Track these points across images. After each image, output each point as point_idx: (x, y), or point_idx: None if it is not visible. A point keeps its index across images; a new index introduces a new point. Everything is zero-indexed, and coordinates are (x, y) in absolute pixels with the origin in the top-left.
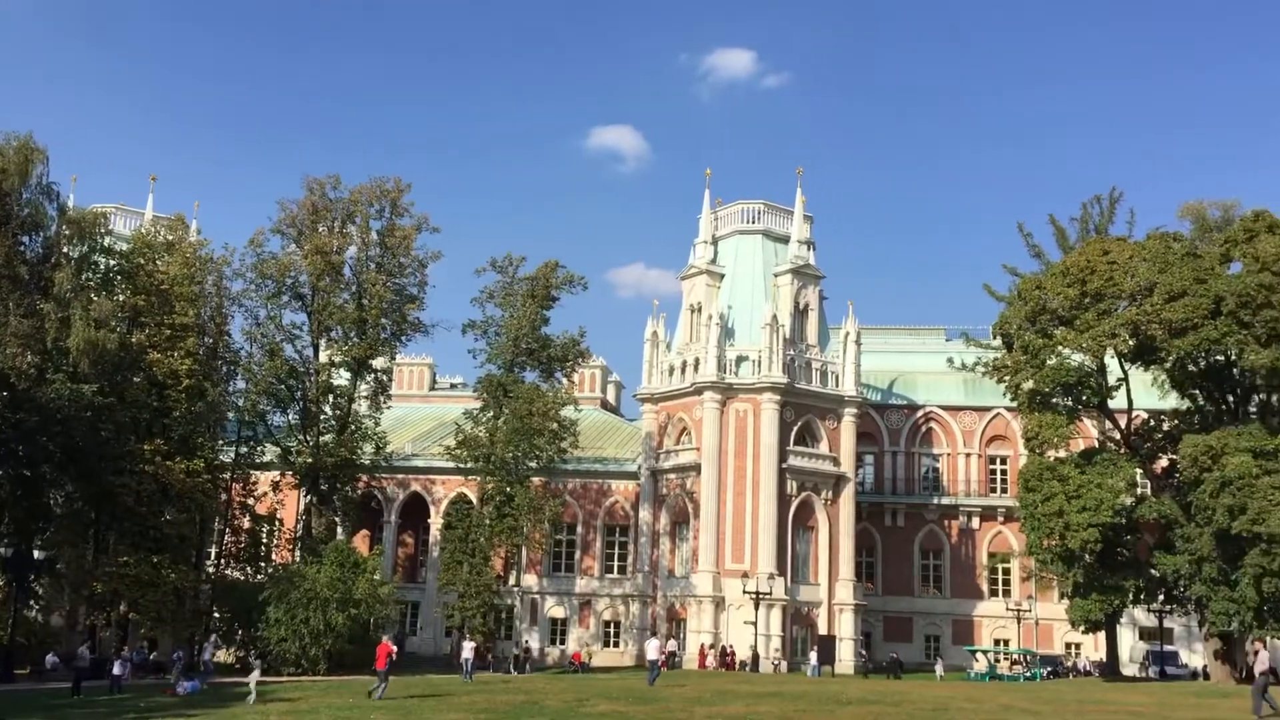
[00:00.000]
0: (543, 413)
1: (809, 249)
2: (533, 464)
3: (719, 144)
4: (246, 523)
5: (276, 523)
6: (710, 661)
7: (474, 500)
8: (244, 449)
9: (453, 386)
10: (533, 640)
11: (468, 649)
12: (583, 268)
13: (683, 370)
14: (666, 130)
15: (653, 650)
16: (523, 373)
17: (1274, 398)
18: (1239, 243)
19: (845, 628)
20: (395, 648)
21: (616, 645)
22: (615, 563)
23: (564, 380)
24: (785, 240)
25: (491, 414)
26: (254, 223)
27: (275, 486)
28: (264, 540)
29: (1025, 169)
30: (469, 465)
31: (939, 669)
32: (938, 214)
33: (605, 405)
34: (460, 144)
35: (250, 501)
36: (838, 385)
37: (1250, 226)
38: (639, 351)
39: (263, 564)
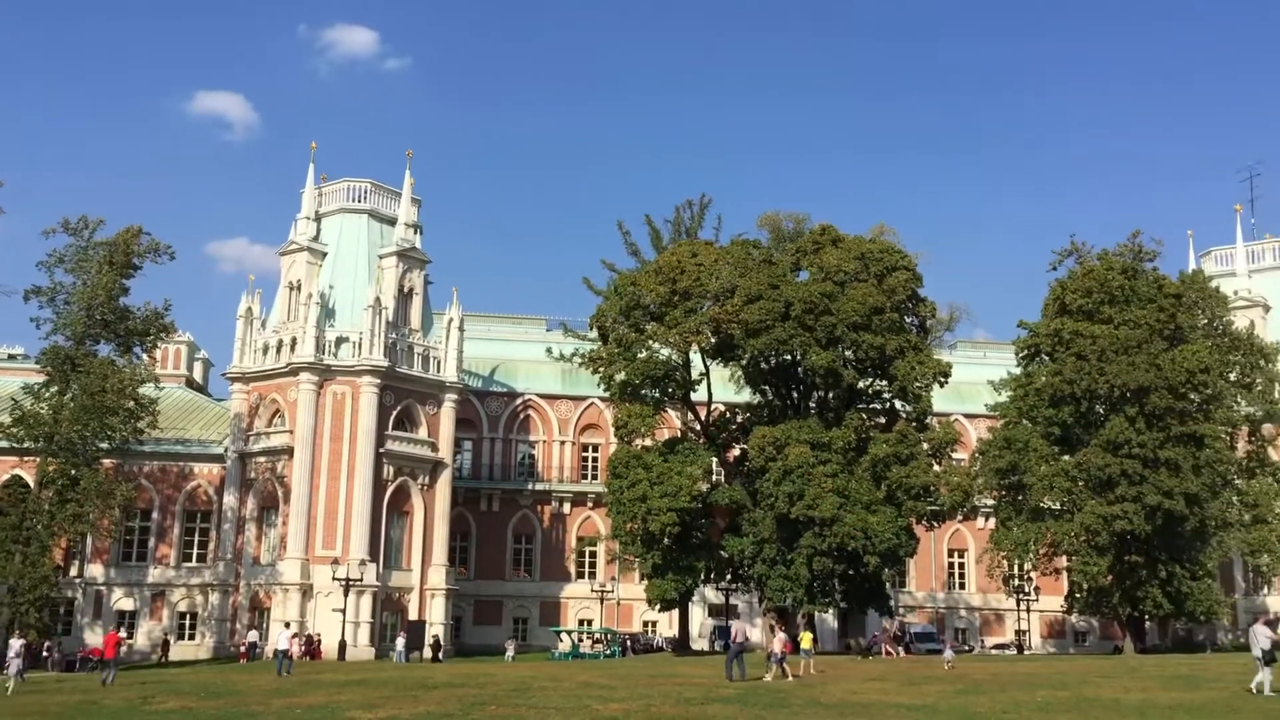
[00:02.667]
0: (118, 390)
1: (416, 232)
2: (104, 445)
3: (333, 121)
4: None
5: None
6: (295, 651)
7: (31, 483)
8: None
9: (11, 358)
10: (94, 637)
11: (16, 647)
12: (178, 238)
13: (278, 350)
14: (279, 102)
15: (283, 640)
16: (96, 346)
17: (830, 395)
18: (807, 253)
19: (437, 613)
20: (124, 636)
21: (193, 638)
22: (195, 550)
23: (144, 356)
24: (392, 222)
25: (57, 389)
26: None
27: None
28: None
29: (628, 171)
30: (27, 445)
31: (509, 651)
32: (545, 208)
33: (191, 384)
34: (45, 101)
35: None
36: (440, 371)
37: (817, 239)
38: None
39: None
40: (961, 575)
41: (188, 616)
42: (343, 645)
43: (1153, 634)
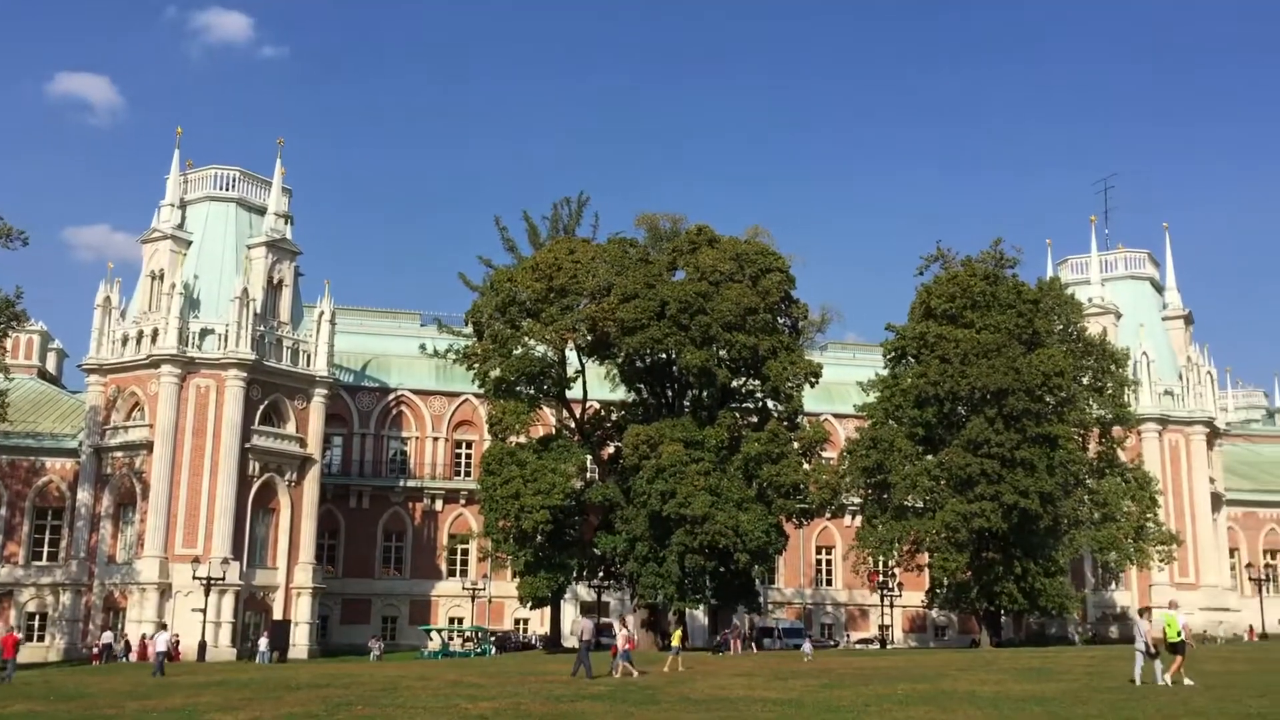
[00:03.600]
0: None
1: (287, 223)
2: None
3: (203, 107)
4: None
5: None
6: (152, 652)
7: None
8: None
9: None
10: None
11: None
12: (33, 223)
13: (139, 341)
14: (146, 86)
15: (161, 642)
16: None
17: (704, 393)
18: (684, 253)
19: (302, 612)
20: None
21: (43, 639)
22: (46, 549)
23: None
24: (262, 212)
25: None
26: None
27: None
28: None
29: (507, 166)
30: None
31: (375, 651)
32: (422, 203)
33: (44, 375)
34: None
35: None
36: (309, 365)
37: (694, 239)
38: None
39: None
40: (829, 572)
41: (37, 617)
42: (203, 646)
43: (1008, 628)
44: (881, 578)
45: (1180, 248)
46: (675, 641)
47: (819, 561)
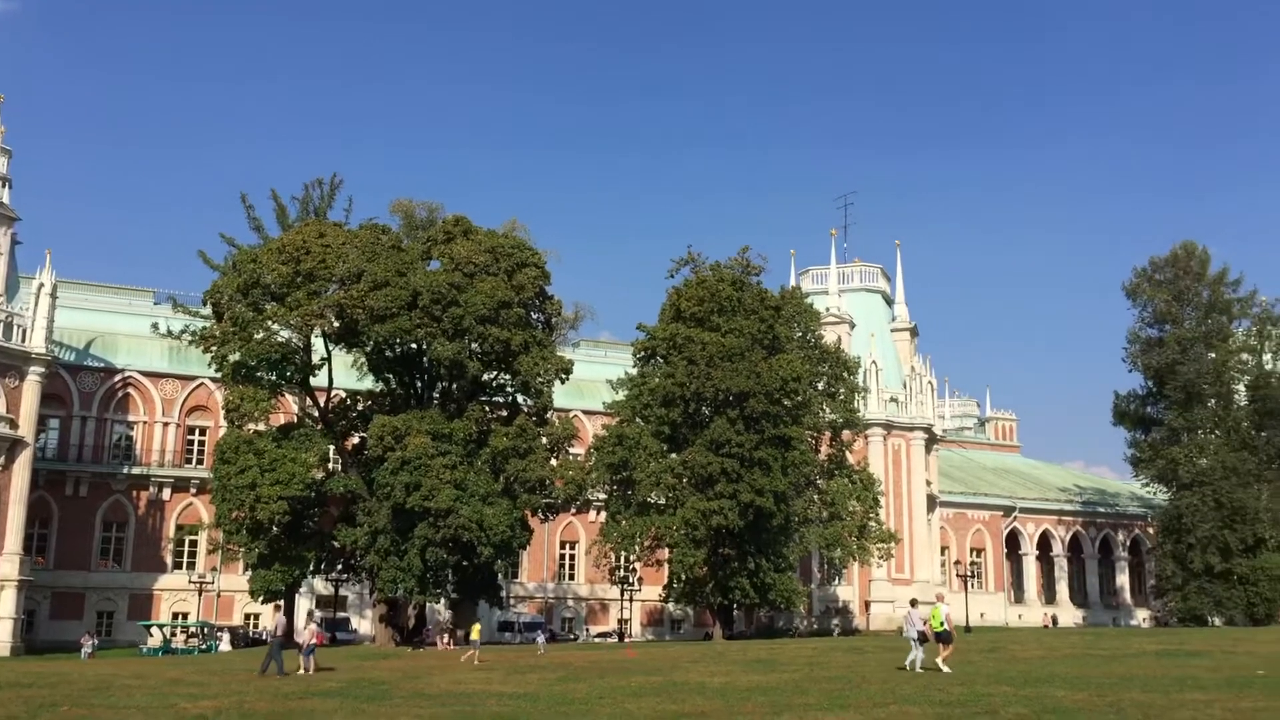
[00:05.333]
0: None
1: (4, 185)
2: None
3: None
4: None
5: None
6: None
7: None
8: None
9: None
10: None
11: None
12: None
13: None
14: None
15: None
16: None
17: (454, 386)
18: (439, 243)
19: (5, 606)
20: None
21: None
22: None
23: None
24: None
25: None
26: None
27: None
28: None
29: (257, 144)
30: None
31: (86, 647)
32: (161, 176)
33: None
34: None
35: None
36: (25, 340)
37: (449, 230)
38: None
39: None
40: (572, 567)
41: None
42: None
43: (740, 621)
44: (622, 572)
45: (910, 264)
46: (475, 635)
47: (563, 556)
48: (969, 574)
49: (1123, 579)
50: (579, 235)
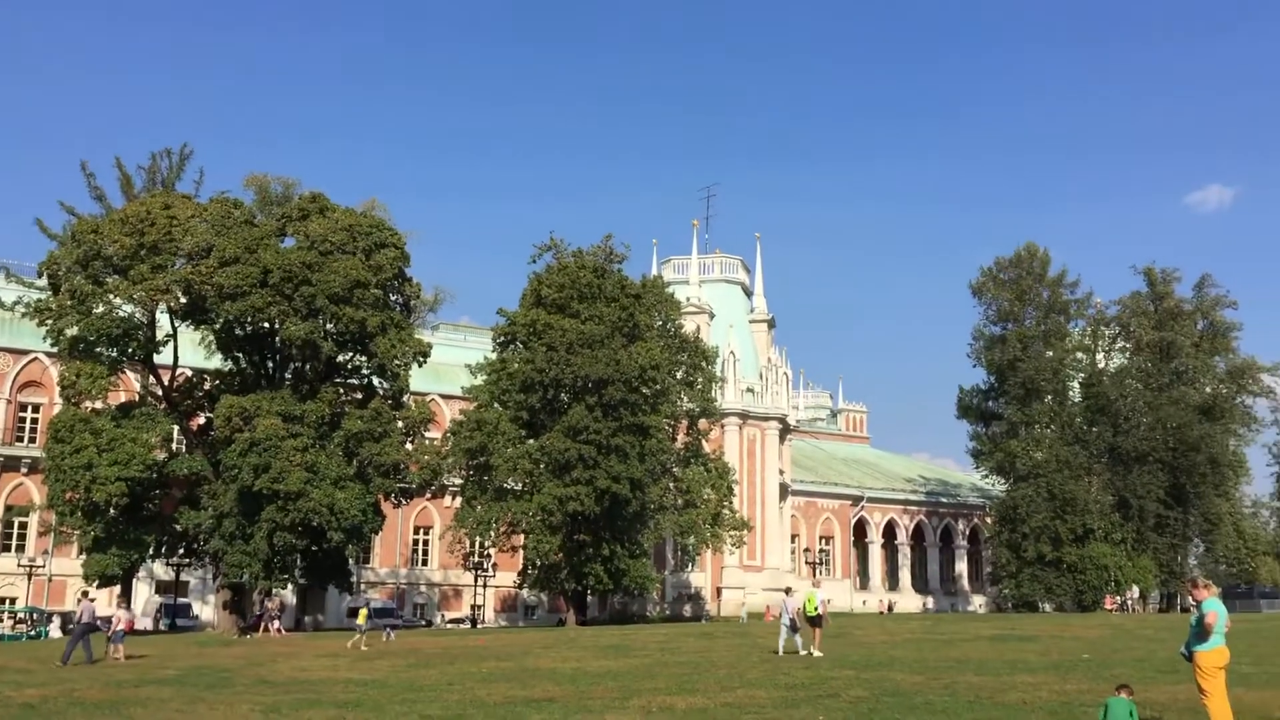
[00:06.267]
0: None
1: None
2: None
3: None
4: None
5: None
6: None
7: None
8: None
9: None
10: None
11: None
12: None
13: None
14: None
15: None
16: None
17: (307, 367)
18: (294, 220)
19: None
20: None
21: None
22: None
23: None
24: None
25: None
26: None
27: None
28: None
29: (103, 104)
30: None
31: None
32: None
33: None
34: None
35: None
36: None
37: (306, 206)
38: None
39: None
40: (425, 552)
41: None
42: None
43: (594, 607)
44: (476, 558)
45: (770, 258)
46: (361, 620)
47: (416, 541)
48: (817, 561)
49: (962, 566)
50: (441, 217)
